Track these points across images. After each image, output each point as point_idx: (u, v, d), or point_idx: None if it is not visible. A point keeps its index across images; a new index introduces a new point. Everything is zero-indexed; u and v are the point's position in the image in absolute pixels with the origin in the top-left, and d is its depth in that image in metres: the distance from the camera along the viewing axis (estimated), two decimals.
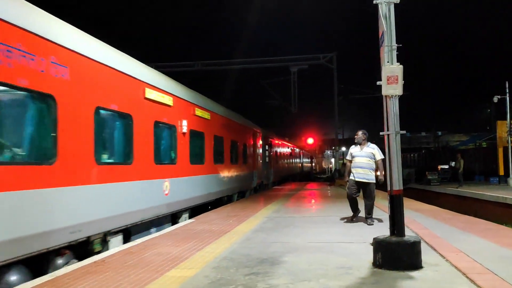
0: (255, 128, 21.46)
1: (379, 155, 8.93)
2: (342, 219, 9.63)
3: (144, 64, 9.52)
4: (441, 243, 6.67)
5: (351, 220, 9.16)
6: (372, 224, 8.64)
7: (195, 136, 11.75)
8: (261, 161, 22.68)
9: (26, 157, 5.62)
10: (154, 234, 8.36)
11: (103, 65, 7.27)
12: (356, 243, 6.98)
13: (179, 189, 10.29)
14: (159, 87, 9.51)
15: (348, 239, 7.29)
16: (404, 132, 5.52)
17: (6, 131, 5.39)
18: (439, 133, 72.43)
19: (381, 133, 5.60)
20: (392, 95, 5.42)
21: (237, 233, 8.18)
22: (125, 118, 8.04)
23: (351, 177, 9.09)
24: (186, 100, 11.35)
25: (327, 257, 5.99)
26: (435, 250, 6.24)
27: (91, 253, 6.63)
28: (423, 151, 56.03)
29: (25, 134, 5.64)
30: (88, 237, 6.62)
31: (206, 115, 12.91)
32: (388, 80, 5.34)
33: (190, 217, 11.00)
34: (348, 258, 5.84)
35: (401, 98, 5.52)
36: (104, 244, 7.11)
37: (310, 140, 46.05)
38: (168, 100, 9.90)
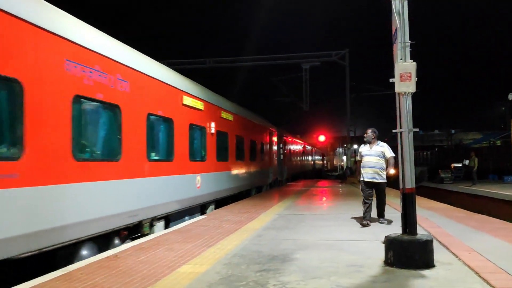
0: (271, 127, 22.63)
1: (389, 152, 8.66)
2: (353, 217, 9.59)
3: (180, 75, 11.10)
4: (453, 242, 6.61)
5: (360, 222, 8.73)
6: (384, 223, 8.55)
7: (221, 136, 13.13)
8: (276, 159, 23.91)
9: (101, 155, 7.11)
10: (166, 231, 8.42)
11: (152, 78, 8.65)
12: (367, 241, 6.95)
13: (207, 183, 11.68)
14: (193, 94, 10.91)
15: (359, 237, 7.27)
16: (417, 130, 5.48)
17: (90, 135, 6.88)
18: (453, 131, 71.68)
19: (393, 131, 5.56)
20: (405, 93, 5.37)
21: (248, 230, 8.20)
22: (168, 122, 9.40)
23: (361, 178, 8.81)
24: (214, 104, 12.67)
25: (338, 254, 5.98)
26: (447, 249, 6.19)
27: (143, 235, 8.00)
28: (436, 149, 55.50)
29: (101, 137, 7.07)
30: (140, 221, 7.96)
31: (230, 117, 14.30)
32: (401, 77, 5.29)
33: (215, 209, 12.47)
34: (359, 256, 5.83)
35: (413, 95, 5.47)
36: (151, 228, 8.38)
37: (322, 138, 45.93)
38: (199, 105, 11.31)
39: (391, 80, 5.42)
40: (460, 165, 31.48)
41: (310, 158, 49.03)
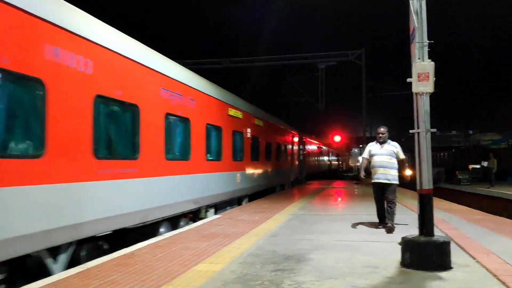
0: (293, 130, 24.74)
1: (402, 154, 8.24)
2: (369, 218, 9.52)
3: (227, 91, 13.32)
4: (471, 244, 6.53)
5: (376, 227, 8.33)
6: (392, 229, 7.79)
7: (254, 140, 15.51)
8: (296, 159, 26.03)
9: (180, 156, 9.38)
10: (182, 229, 8.49)
11: (209, 96, 11.05)
12: (383, 242, 6.91)
13: (244, 180, 14.07)
14: (234, 106, 13.25)
15: (375, 238, 7.23)
16: (434, 130, 5.44)
17: (174, 141, 9.14)
18: (470, 131, 70.69)
19: (411, 131, 5.52)
20: (422, 93, 5.33)
21: (263, 229, 8.22)
22: (218, 130, 11.67)
23: (373, 180, 8.31)
24: (249, 113, 14.99)
25: (354, 255, 5.95)
26: (465, 251, 6.11)
27: (200, 218, 10.23)
28: (453, 150, 54.79)
29: (179, 142, 9.41)
30: (199, 208, 10.31)
31: (261, 123, 16.63)
32: (419, 77, 5.25)
33: (248, 202, 14.66)
34: (375, 257, 5.79)
35: (431, 95, 5.42)
36: (205, 214, 10.67)
37: (337, 138, 45.66)
38: (239, 115, 13.65)
39: (408, 80, 5.38)
40: (478, 166, 31.04)
41: (326, 158, 50.09)
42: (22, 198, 4.92)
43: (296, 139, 25.60)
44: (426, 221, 5.35)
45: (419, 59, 5.35)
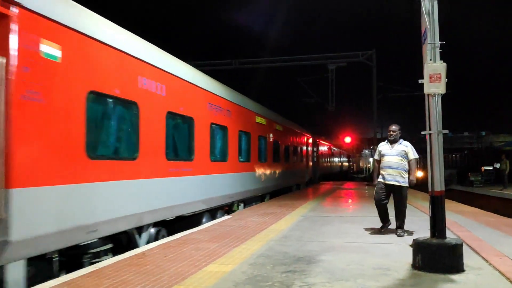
0: (307, 133, 26.50)
1: (413, 154, 7.74)
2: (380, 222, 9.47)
3: (252, 100, 15.05)
4: (484, 246, 6.47)
5: (379, 231, 7.90)
6: (403, 236, 7.49)
7: (275, 143, 17.53)
8: (311, 161, 28.00)
9: (220, 158, 11.15)
10: (192, 230, 8.52)
11: (241, 106, 13.10)
12: (394, 244, 6.87)
13: (267, 179, 15.95)
14: (260, 114, 15.29)
15: (386, 240, 7.19)
16: (446, 132, 5.40)
17: (216, 146, 10.84)
18: (483, 133, 69.93)
19: (422, 133, 5.49)
20: (434, 94, 5.30)
21: (273, 230, 8.22)
22: (247, 135, 13.65)
23: (380, 179, 7.85)
24: (270, 119, 16.89)
25: (365, 257, 5.93)
26: (477, 253, 6.06)
27: (233, 211, 12.16)
28: (466, 152, 54.25)
29: (219, 146, 11.14)
30: (233, 202, 12.22)
31: (280, 128, 18.51)
32: (430, 78, 5.22)
33: (269, 199, 16.50)
34: (386, 259, 5.77)
35: (443, 96, 5.39)
36: (237, 207, 12.69)
37: (348, 139, 45.50)
38: (264, 121, 15.66)
39: (420, 81, 5.35)
40: (490, 168, 30.72)
41: (337, 159, 50.83)
42: (126, 189, 6.76)
43: (310, 141, 27.35)
44: (438, 223, 5.31)
45: (430, 60, 5.32)
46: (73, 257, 5.88)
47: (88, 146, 5.88)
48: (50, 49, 5.27)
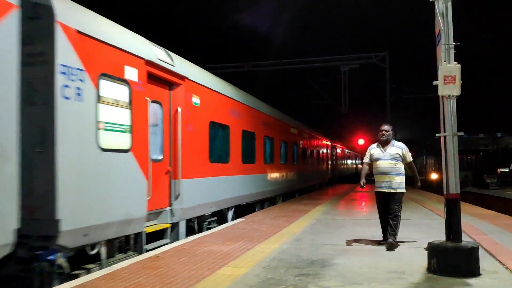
0: (325, 138, 29.95)
1: (409, 157, 7.12)
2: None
3: (285, 114, 18.52)
4: (500, 250, 6.37)
5: (378, 243, 7.11)
6: (394, 245, 6.67)
7: (304, 149, 21.50)
8: (330, 163, 31.86)
9: (269, 161, 14.78)
10: (205, 232, 8.56)
11: (281, 121, 16.83)
12: (409, 247, 6.81)
13: (298, 179, 19.77)
14: (291, 124, 18.89)
15: (400, 243, 7.12)
16: (461, 134, 5.34)
17: (266, 150, 14.26)
18: (498, 134, 68.97)
19: (437, 135, 5.44)
20: (449, 96, 5.24)
21: (286, 233, 8.21)
22: (286, 143, 17.54)
23: (376, 189, 7.19)
24: (300, 129, 20.77)
25: (379, 260, 5.88)
26: (493, 256, 5.97)
27: (275, 203, 15.56)
28: (481, 153, 53.57)
29: (268, 152, 14.50)
30: (275, 196, 15.52)
31: (306, 135, 22.42)
32: (445, 80, 5.17)
33: (298, 195, 19.81)
34: (400, 263, 5.72)
35: (457, 98, 5.33)
36: (279, 200, 16.11)
37: (361, 141, 45.22)
38: (295, 131, 19.44)
39: (434, 83, 5.30)
40: (507, 170, 30.30)
41: (352, 162, 53.12)
42: (225, 182, 10.55)
43: (329, 145, 31.24)
44: (453, 226, 5.25)
45: (445, 61, 5.27)
46: (199, 223, 9.25)
47: (210, 155, 9.64)
48: (196, 99, 8.98)
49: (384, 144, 7.16)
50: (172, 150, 8.16)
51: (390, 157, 7.03)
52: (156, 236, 7.62)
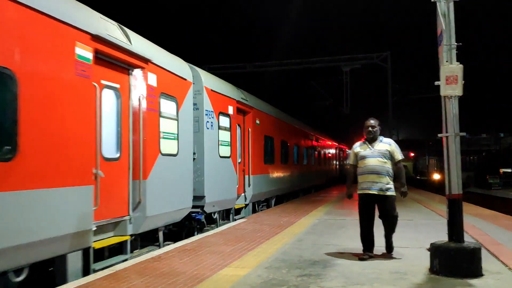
0: (333, 141, 34.14)
1: (399, 154, 6.22)
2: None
3: (308, 125, 23.97)
4: (503, 250, 6.36)
5: (361, 258, 5.98)
6: (392, 248, 6.26)
7: (319, 152, 26.50)
8: (337, 163, 36.66)
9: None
10: (207, 233, 8.56)
11: (301, 129, 21.34)
12: (411, 248, 6.80)
13: (314, 177, 24.21)
14: (310, 132, 23.44)
15: (402, 244, 7.10)
16: (464, 134, 5.33)
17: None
18: (501, 134, 68.74)
19: (439, 135, 5.43)
20: (451, 96, 5.23)
21: (288, 234, 8.21)
22: (307, 148, 22.23)
23: (360, 191, 6.23)
24: (316, 135, 25.18)
25: (381, 261, 5.88)
26: (496, 257, 5.96)
27: (297, 196, 19.66)
28: (484, 154, 53.43)
29: (301, 156, 20.91)
30: (298, 190, 20.01)
31: (321, 140, 26.87)
32: (447, 80, 5.16)
33: (314, 191, 23.58)
34: (402, 263, 5.71)
35: (459, 98, 5.32)
36: (301, 195, 20.33)
37: None
38: (313, 137, 24.06)
39: (436, 83, 5.29)
40: (509, 170, 30.22)
41: None
42: (272, 178, 14.72)
43: (336, 147, 35.59)
44: (455, 227, 5.24)
45: (447, 61, 5.26)
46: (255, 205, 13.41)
47: (264, 158, 13.88)
48: (258, 121, 13.27)
49: (371, 141, 6.28)
50: (245, 156, 12.42)
51: (379, 155, 6.11)
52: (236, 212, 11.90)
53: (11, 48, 4.51)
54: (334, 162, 34.74)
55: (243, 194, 12.04)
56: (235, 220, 10.95)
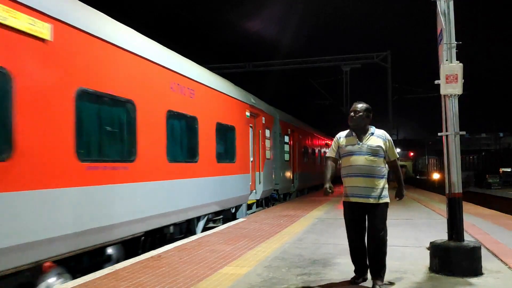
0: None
1: (393, 152, 4.82)
2: (395, 223, 9.39)
3: (320, 130, 28.55)
4: (503, 249, 6.36)
5: (352, 282, 4.83)
6: None
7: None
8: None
9: (312, 166, 24.60)
10: (207, 232, 8.55)
11: (316, 135, 25.96)
12: (411, 246, 6.79)
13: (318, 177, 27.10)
14: (322, 137, 27.48)
15: (402, 243, 7.11)
16: (463, 133, 5.33)
17: (311, 158, 24.10)
18: (501, 134, 68.83)
19: (439, 134, 5.43)
20: (451, 95, 5.23)
21: (288, 233, 8.21)
22: (320, 151, 26.29)
23: (345, 198, 4.86)
24: (327, 137, 29.25)
25: None
26: (496, 256, 5.96)
27: (318, 189, 24.43)
28: (483, 153, 53.50)
29: (315, 159, 26.19)
30: (309, 186, 23.44)
31: (327, 142, 29.60)
32: (447, 79, 5.16)
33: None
34: (403, 262, 5.71)
35: (459, 97, 5.32)
36: (307, 191, 23.68)
37: None
38: (324, 142, 27.92)
39: (436, 82, 5.29)
40: (509, 169, 30.25)
41: None
42: (307, 176, 21.75)
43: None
44: (455, 226, 5.24)
45: (447, 60, 5.26)
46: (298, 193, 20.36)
47: (301, 161, 20.46)
48: (298, 136, 19.94)
49: (358, 131, 4.83)
50: (293, 158, 18.44)
51: (368, 151, 4.70)
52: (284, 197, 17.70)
53: (234, 117, 11.15)
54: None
55: (292, 184, 18.12)
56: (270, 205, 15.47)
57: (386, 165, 4.84)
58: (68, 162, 5.12)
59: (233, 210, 11.25)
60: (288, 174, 17.43)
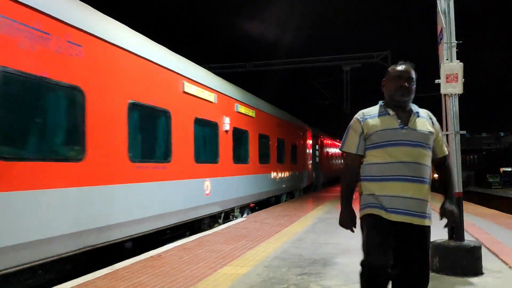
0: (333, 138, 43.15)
1: (444, 143, 3.19)
2: None
3: (328, 134, 32.37)
4: (503, 249, 6.35)
5: None
6: None
7: (332, 155, 33.04)
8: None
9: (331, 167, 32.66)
10: (207, 232, 8.55)
11: (330, 139, 30.91)
12: None
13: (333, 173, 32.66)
14: (331, 140, 31.88)
15: None
16: (464, 132, 5.31)
17: (328, 160, 31.59)
18: (501, 133, 68.78)
19: None
20: (451, 94, 5.22)
21: (288, 233, 8.20)
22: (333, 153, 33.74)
23: (373, 209, 3.24)
24: (330, 139, 32.15)
25: None
26: (496, 255, 5.95)
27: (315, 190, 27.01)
28: (484, 153, 53.46)
29: (329, 160, 33.71)
30: (316, 184, 26.14)
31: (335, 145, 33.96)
32: (447, 78, 5.15)
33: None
34: None
35: (460, 96, 5.31)
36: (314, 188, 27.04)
37: None
38: (329, 143, 31.34)
39: (436, 81, 5.28)
40: (509, 169, 30.23)
41: None
42: (324, 172, 27.76)
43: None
44: (455, 225, 5.22)
45: (447, 59, 5.25)
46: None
47: (321, 162, 26.42)
48: (323, 142, 26.86)
49: (401, 109, 3.05)
50: (321, 160, 24.04)
51: (420, 140, 2.96)
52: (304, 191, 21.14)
53: (297, 137, 19.54)
54: (340, 161, 40.05)
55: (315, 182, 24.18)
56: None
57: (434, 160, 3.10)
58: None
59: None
60: (317, 171, 24.20)
